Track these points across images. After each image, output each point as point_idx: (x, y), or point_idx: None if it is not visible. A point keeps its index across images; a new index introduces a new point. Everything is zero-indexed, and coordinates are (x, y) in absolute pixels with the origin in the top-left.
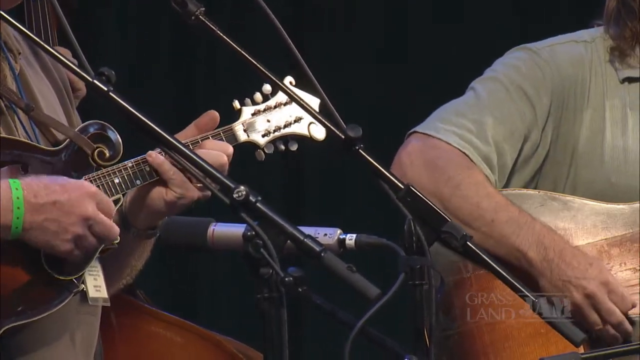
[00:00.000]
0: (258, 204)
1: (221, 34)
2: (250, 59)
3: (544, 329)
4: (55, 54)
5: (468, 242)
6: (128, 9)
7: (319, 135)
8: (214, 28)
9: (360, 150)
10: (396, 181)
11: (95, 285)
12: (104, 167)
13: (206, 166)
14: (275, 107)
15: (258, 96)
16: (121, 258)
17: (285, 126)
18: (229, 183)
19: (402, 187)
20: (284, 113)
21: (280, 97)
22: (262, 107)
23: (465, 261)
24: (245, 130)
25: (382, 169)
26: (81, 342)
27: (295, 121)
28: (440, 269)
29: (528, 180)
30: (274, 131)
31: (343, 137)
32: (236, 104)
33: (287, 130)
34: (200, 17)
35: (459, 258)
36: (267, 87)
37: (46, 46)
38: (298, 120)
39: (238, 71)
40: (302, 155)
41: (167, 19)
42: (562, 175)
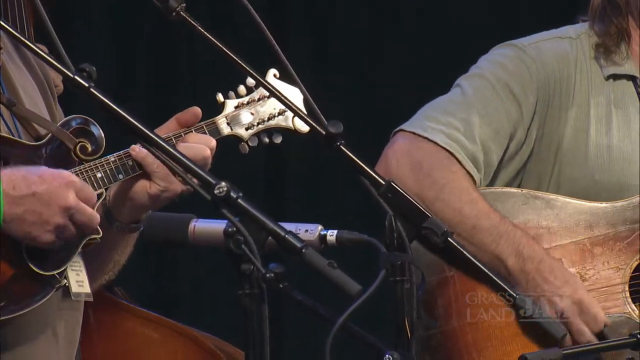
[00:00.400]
0: (239, 200)
1: (202, 30)
2: (231, 54)
3: (526, 328)
4: (36, 49)
5: (449, 238)
6: (109, 3)
7: (303, 128)
8: (195, 24)
9: (341, 146)
10: (377, 177)
11: (78, 281)
12: (86, 161)
13: (187, 162)
14: (259, 100)
15: (242, 89)
16: (104, 253)
17: (269, 119)
18: (210, 179)
19: (383, 183)
20: (268, 106)
21: (265, 90)
22: (245, 100)
23: (448, 260)
24: (228, 124)
25: (363, 165)
26: (64, 337)
27: (279, 114)
28: (423, 269)
29: (513, 177)
30: (258, 124)
31: (324, 132)
32: (220, 97)
33: (271, 123)
34: (181, 13)
35: (441, 257)
36: (250, 80)
37: (26, 41)
38: (282, 113)
39: (221, 64)
40: (284, 151)
41: (149, 13)
42: (546, 173)
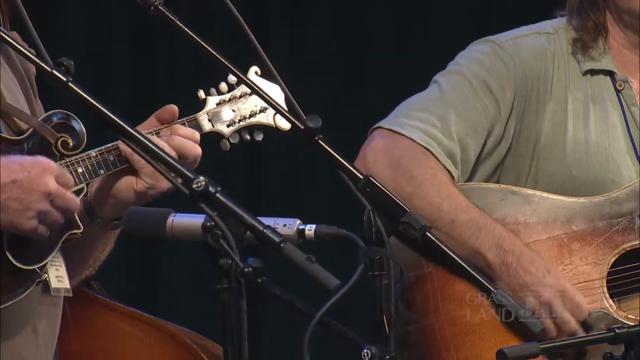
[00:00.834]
0: (217, 195)
1: (180, 25)
2: (211, 50)
3: (504, 323)
4: (15, 44)
5: (427, 233)
6: None
7: (284, 125)
8: (173, 18)
9: (319, 141)
10: (355, 172)
11: (58, 276)
12: (67, 156)
13: (165, 156)
14: (240, 96)
15: (223, 86)
16: (85, 249)
17: (251, 116)
18: (189, 174)
19: (362, 177)
20: (250, 103)
21: (246, 87)
22: (227, 96)
23: (426, 256)
24: (210, 120)
25: (341, 160)
26: (43, 332)
27: (260, 111)
28: (401, 264)
29: (491, 172)
30: (239, 121)
31: (302, 127)
32: (201, 93)
33: (253, 120)
34: (160, 7)
35: (419, 253)
36: (232, 78)
37: (5, 36)
38: (263, 110)
39: (201, 61)
40: (262, 146)
41: (127, 7)
42: (524, 168)
